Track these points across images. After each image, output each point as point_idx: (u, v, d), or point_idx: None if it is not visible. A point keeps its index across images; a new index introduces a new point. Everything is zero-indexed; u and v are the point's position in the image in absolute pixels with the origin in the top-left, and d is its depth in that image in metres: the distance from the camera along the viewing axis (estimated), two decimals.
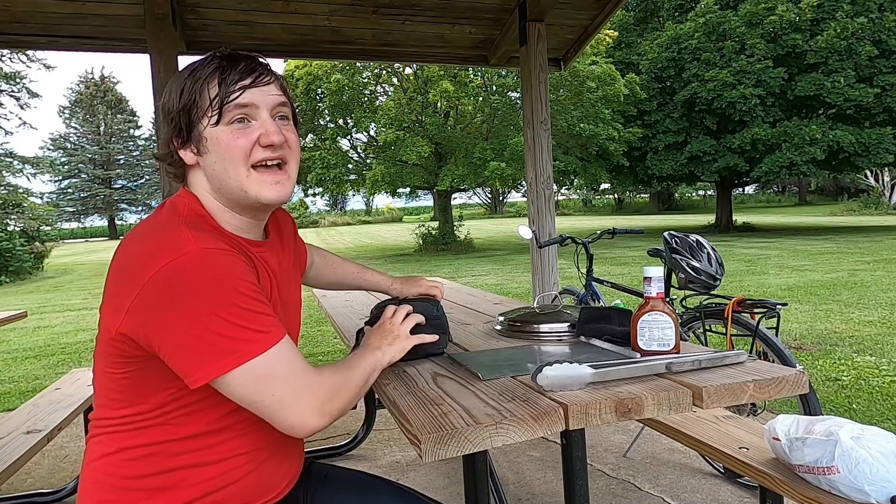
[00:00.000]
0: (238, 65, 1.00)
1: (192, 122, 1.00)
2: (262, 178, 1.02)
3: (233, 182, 1.01)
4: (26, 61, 28.01)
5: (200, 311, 0.86)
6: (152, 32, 3.03)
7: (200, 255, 0.89)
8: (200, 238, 0.91)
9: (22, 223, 20.12)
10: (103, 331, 0.94)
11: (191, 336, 0.86)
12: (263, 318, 0.90)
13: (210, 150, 1.01)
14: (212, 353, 0.86)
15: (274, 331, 0.91)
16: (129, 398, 0.96)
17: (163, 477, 0.96)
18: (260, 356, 0.88)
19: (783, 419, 1.52)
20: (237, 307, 0.88)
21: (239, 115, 0.99)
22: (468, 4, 3.80)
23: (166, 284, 0.86)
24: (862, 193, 33.01)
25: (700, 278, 2.54)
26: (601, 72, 15.79)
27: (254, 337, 0.88)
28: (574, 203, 59.37)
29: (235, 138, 0.99)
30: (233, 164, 1.00)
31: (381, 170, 16.39)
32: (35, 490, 2.73)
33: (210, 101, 0.99)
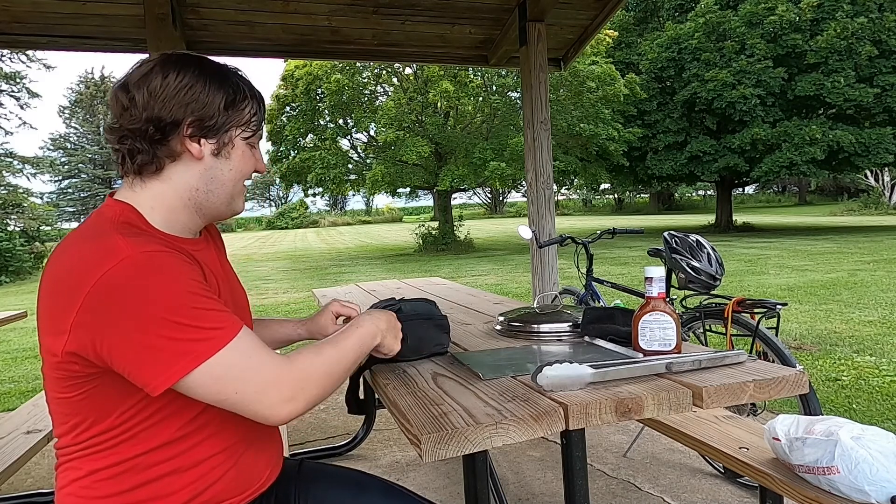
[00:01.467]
0: (263, 100, 1.11)
1: (227, 122, 1.01)
2: (243, 192, 1.11)
3: (227, 191, 1.05)
4: (26, 61, 28.03)
5: (149, 317, 0.83)
6: (152, 32, 3.03)
7: (140, 258, 0.85)
8: (136, 243, 0.88)
9: (22, 223, 20.13)
10: (47, 356, 0.90)
11: (143, 344, 0.83)
12: (215, 315, 0.88)
13: (231, 156, 1.04)
14: (167, 358, 0.83)
15: (228, 326, 0.88)
16: (90, 419, 0.92)
17: (140, 491, 0.93)
18: (217, 354, 0.86)
19: (783, 419, 1.52)
20: (187, 307, 0.85)
21: (255, 143, 1.08)
22: (468, 4, 3.80)
23: (109, 294, 0.82)
24: (862, 193, 33.01)
25: (700, 278, 2.54)
26: (601, 72, 15.79)
27: (208, 335, 0.86)
28: (574, 203, 59.37)
29: (251, 158, 1.08)
30: (240, 176, 1.06)
31: (381, 170, 16.38)
32: (35, 490, 2.73)
33: (250, 116, 1.05)
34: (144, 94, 0.95)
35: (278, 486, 1.14)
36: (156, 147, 0.97)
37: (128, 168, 0.98)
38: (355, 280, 11.36)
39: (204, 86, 0.98)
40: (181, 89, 0.96)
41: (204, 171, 1.01)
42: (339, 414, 3.62)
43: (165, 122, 0.96)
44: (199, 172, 1.01)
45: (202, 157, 1.01)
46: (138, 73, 0.97)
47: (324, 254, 19.50)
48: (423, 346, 1.35)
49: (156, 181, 1.00)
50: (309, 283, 11.17)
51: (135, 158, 0.97)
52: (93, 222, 0.95)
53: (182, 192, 1.01)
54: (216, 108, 0.99)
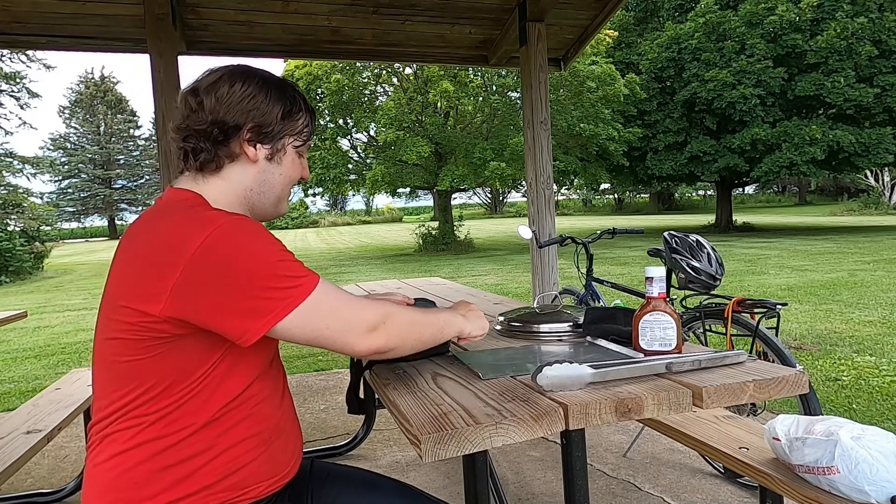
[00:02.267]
0: (313, 114, 1.20)
1: (282, 131, 1.11)
2: (288, 196, 1.20)
3: (276, 193, 1.14)
4: (26, 61, 28.02)
5: (249, 273, 0.93)
6: (152, 32, 3.03)
7: (235, 222, 0.96)
8: (225, 213, 0.99)
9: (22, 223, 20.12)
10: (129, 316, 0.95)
11: (244, 298, 0.92)
12: (300, 266, 0.99)
13: (282, 162, 1.13)
14: (268, 306, 0.94)
15: (311, 274, 1.00)
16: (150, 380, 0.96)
17: (182, 466, 0.97)
18: (309, 296, 0.97)
19: (783, 419, 1.52)
20: (279, 262, 0.96)
21: (303, 152, 1.18)
22: (468, 4, 3.80)
23: (211, 254, 0.92)
24: (862, 193, 33.01)
25: (700, 278, 2.54)
26: (601, 72, 15.79)
27: (299, 283, 0.97)
28: (574, 203, 59.36)
29: (299, 165, 1.17)
30: (289, 181, 1.16)
31: (381, 170, 16.38)
32: (35, 490, 2.73)
33: (303, 127, 1.15)
34: (212, 100, 1.06)
35: (292, 484, 1.14)
36: (217, 147, 1.07)
37: (190, 164, 1.09)
38: (355, 280, 11.36)
39: (265, 96, 1.08)
40: (245, 98, 1.07)
41: (258, 174, 1.11)
42: (339, 414, 3.62)
43: (228, 125, 1.06)
44: (253, 174, 1.11)
45: (257, 161, 1.10)
46: (208, 80, 1.08)
47: (324, 254, 19.50)
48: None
49: (215, 178, 1.09)
50: None
51: (198, 156, 1.07)
52: (168, 204, 1.05)
53: (238, 190, 1.10)
54: (274, 117, 1.09)
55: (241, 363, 1.01)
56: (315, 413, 3.67)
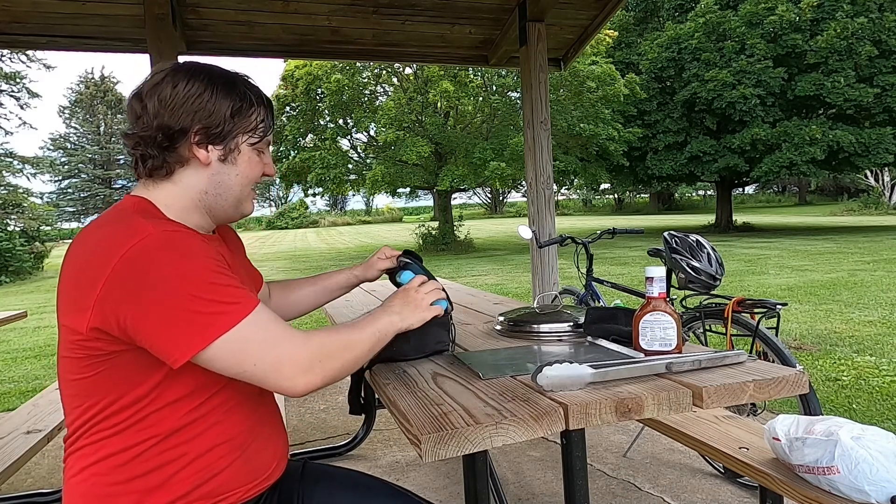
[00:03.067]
0: (272, 106, 1.14)
1: (234, 130, 1.05)
2: (251, 196, 1.14)
3: (235, 194, 1.09)
4: (26, 61, 28.03)
5: (172, 289, 0.87)
6: (152, 32, 3.03)
7: (161, 236, 0.90)
8: (158, 223, 0.93)
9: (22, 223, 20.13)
10: (67, 336, 0.93)
11: (165, 316, 0.86)
12: (233, 290, 0.92)
13: (237, 162, 1.07)
14: (189, 329, 0.87)
15: (245, 301, 0.93)
16: (103, 401, 0.94)
17: (151, 476, 0.96)
18: (236, 327, 0.90)
19: (783, 419, 1.52)
20: (206, 282, 0.90)
21: (263, 148, 1.11)
22: (468, 4, 3.80)
23: (133, 267, 0.87)
24: (862, 193, 33.01)
25: (700, 278, 2.54)
26: (601, 72, 15.79)
27: (227, 309, 0.90)
28: (574, 203, 59.36)
29: (258, 163, 1.11)
30: (247, 181, 1.10)
31: (381, 170, 16.38)
32: (35, 490, 2.73)
33: (257, 123, 1.08)
34: (155, 103, 1.00)
35: (281, 486, 1.14)
36: (165, 153, 1.02)
37: (140, 171, 1.04)
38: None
39: (211, 94, 1.02)
40: (189, 98, 1.01)
41: (211, 176, 1.06)
42: (339, 414, 3.62)
43: (174, 129, 1.01)
44: (206, 177, 1.05)
45: (209, 163, 1.05)
46: (150, 82, 1.03)
47: (324, 254, 19.50)
48: (425, 344, 1.35)
49: (167, 183, 1.04)
50: None
51: (146, 163, 1.02)
52: (112, 212, 1.00)
53: (191, 194, 1.05)
54: (222, 116, 1.03)
55: (201, 369, 0.94)
56: (315, 413, 3.67)
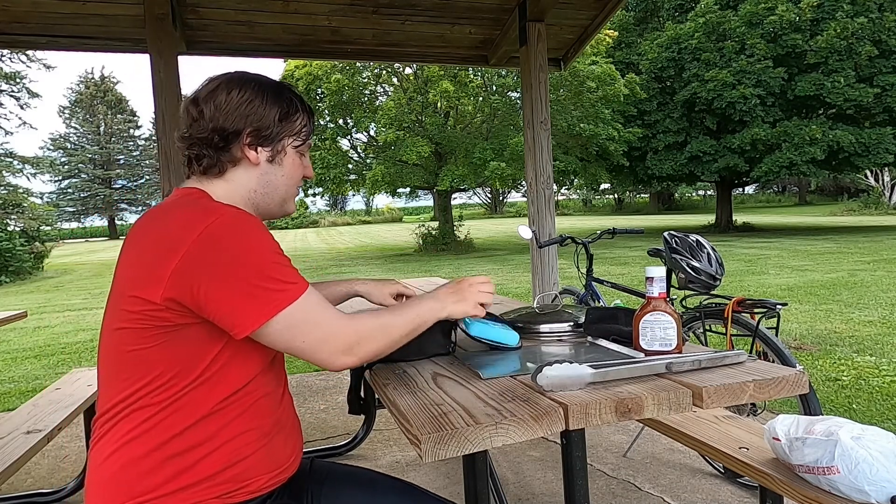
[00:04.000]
0: (312, 113, 1.22)
1: (281, 133, 1.14)
2: (295, 195, 1.23)
3: (281, 194, 1.18)
4: (26, 61, 28.02)
5: (244, 264, 0.96)
6: (152, 32, 3.03)
7: (237, 216, 1.00)
8: (228, 206, 1.03)
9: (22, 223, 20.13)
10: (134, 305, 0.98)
11: (236, 289, 0.95)
12: (291, 271, 1.01)
13: (283, 163, 1.16)
14: (255, 303, 0.96)
15: (301, 282, 1.02)
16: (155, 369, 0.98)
17: (185, 456, 0.99)
18: (292, 304, 0.98)
19: (783, 419, 1.52)
20: (272, 262, 0.99)
21: (304, 151, 1.21)
22: (468, 4, 3.80)
23: (210, 243, 0.95)
24: (862, 193, 33.01)
25: (700, 278, 2.54)
26: (601, 72, 15.79)
27: (286, 288, 0.99)
28: (574, 203, 59.35)
29: (300, 165, 1.20)
30: (292, 181, 1.19)
31: (381, 170, 16.38)
32: (35, 490, 2.73)
33: (301, 127, 1.17)
34: (211, 108, 1.10)
35: (291, 482, 1.15)
36: (220, 153, 1.11)
37: (194, 169, 1.13)
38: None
39: (262, 101, 1.12)
40: (242, 104, 1.10)
41: (261, 176, 1.15)
42: (339, 414, 3.62)
43: (228, 131, 1.10)
44: (256, 176, 1.14)
45: (259, 163, 1.14)
46: (206, 89, 1.12)
47: (324, 254, 19.50)
48: (427, 346, 1.35)
49: (220, 180, 1.13)
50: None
51: (201, 162, 1.12)
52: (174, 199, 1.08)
53: (242, 192, 1.14)
54: (271, 120, 1.13)
55: (243, 357, 1.03)
56: (315, 413, 3.67)
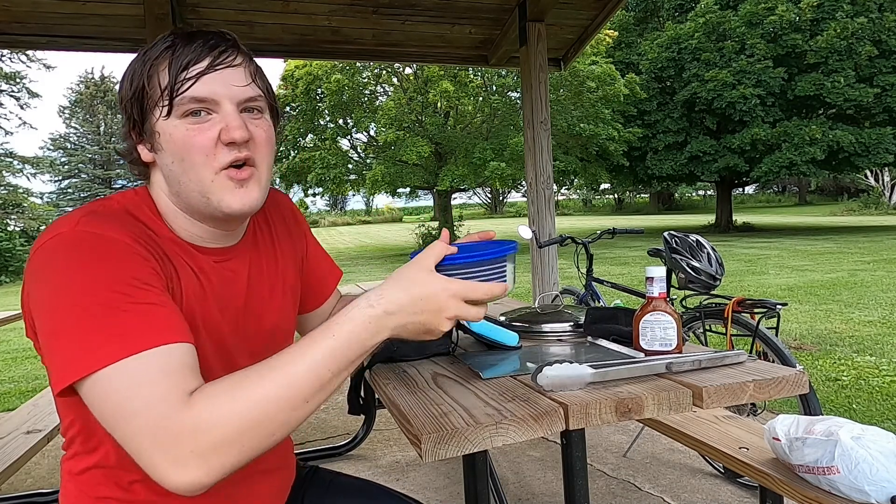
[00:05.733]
0: (192, 44, 0.81)
1: (143, 113, 0.83)
2: (227, 182, 0.83)
3: (193, 186, 0.83)
4: (26, 61, 28.03)
5: (59, 301, 0.69)
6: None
7: (74, 236, 0.73)
8: (86, 222, 0.75)
9: (22, 223, 20.14)
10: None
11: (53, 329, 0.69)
12: (125, 319, 0.68)
13: (164, 147, 0.83)
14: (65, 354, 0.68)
15: (135, 336, 0.67)
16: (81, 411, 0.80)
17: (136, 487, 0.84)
18: (108, 368, 0.65)
19: (783, 419, 1.52)
20: (99, 299, 0.69)
21: (193, 108, 0.81)
22: (468, 4, 3.80)
23: (36, 265, 0.72)
24: (862, 193, 33.01)
25: (700, 278, 2.54)
26: (601, 72, 15.80)
27: (108, 340, 0.67)
28: (574, 203, 59.36)
29: (193, 135, 0.81)
30: (192, 166, 0.82)
31: (381, 170, 16.39)
32: (35, 490, 2.73)
33: (161, 89, 0.80)
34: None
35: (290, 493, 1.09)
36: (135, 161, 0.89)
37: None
38: (355, 280, 11.34)
39: (122, 83, 0.85)
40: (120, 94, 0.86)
41: (162, 174, 0.86)
42: (339, 414, 3.62)
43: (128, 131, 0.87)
44: (160, 175, 0.87)
45: (152, 162, 0.86)
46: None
47: None
48: (427, 345, 1.35)
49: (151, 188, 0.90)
50: None
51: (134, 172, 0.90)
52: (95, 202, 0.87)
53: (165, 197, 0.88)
54: (128, 102, 0.83)
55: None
56: (315, 413, 3.66)
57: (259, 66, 0.89)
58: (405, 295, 0.75)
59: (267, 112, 0.89)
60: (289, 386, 0.68)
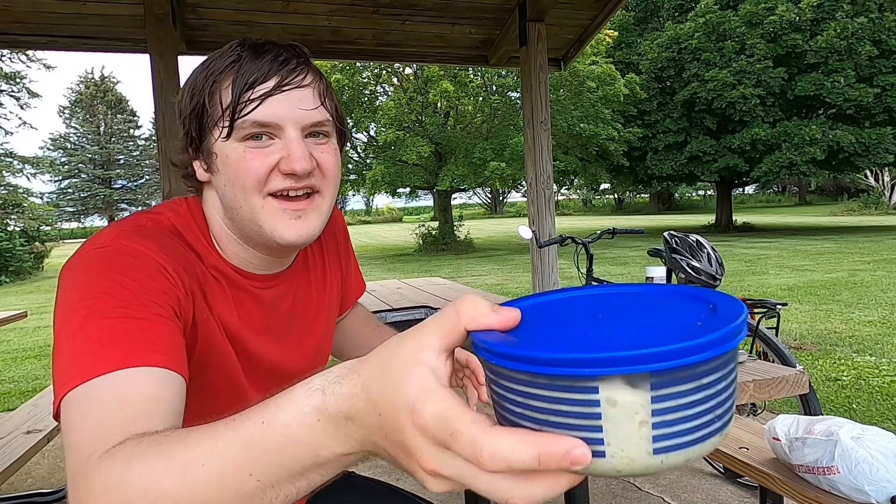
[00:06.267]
0: (259, 59, 0.74)
1: (202, 130, 0.77)
2: (280, 210, 0.77)
3: (244, 212, 0.77)
4: (26, 61, 28.02)
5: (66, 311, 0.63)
6: (152, 32, 3.03)
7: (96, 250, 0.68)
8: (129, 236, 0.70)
9: (22, 223, 20.15)
10: None
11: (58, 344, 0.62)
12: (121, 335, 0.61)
13: (220, 169, 0.77)
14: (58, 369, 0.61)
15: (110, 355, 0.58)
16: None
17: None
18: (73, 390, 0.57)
19: (783, 419, 1.52)
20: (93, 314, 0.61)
21: (255, 133, 0.75)
22: (468, 4, 3.80)
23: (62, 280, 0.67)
24: (862, 193, 33.03)
25: (700, 278, 2.54)
26: (601, 72, 15.80)
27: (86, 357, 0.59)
28: (574, 203, 59.38)
29: (249, 159, 0.74)
30: (243, 191, 0.75)
31: (381, 170, 16.40)
32: (35, 490, 2.73)
33: (222, 109, 0.74)
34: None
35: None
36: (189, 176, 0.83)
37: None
38: None
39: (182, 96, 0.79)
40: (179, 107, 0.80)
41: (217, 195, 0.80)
42: None
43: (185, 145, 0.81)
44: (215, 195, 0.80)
45: (207, 180, 0.80)
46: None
47: None
48: None
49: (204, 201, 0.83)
50: None
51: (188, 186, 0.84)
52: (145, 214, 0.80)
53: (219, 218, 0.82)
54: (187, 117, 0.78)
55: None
56: None
57: (329, 85, 0.81)
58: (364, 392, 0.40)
59: (334, 136, 0.82)
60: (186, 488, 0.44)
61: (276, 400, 0.44)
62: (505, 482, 0.34)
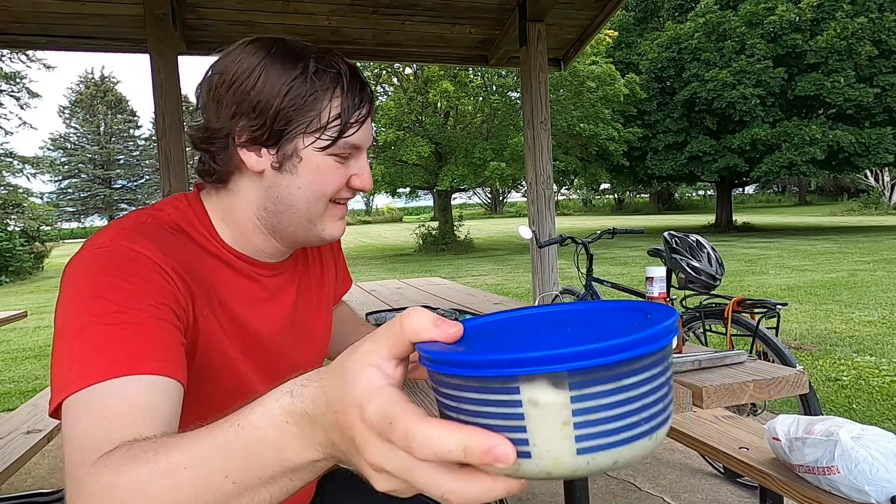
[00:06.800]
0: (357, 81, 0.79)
1: (290, 131, 0.77)
2: (337, 214, 0.85)
3: (302, 212, 0.81)
4: (26, 61, 28.02)
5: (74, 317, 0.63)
6: (152, 32, 3.03)
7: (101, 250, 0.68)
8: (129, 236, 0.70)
9: (22, 223, 20.14)
10: None
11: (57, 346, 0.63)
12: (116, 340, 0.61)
13: (299, 172, 0.79)
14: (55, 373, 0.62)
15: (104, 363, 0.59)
16: None
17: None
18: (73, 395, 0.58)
19: (783, 419, 1.52)
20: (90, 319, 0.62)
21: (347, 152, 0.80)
22: (468, 4, 3.80)
23: (63, 281, 0.67)
24: (862, 193, 33.03)
25: (700, 278, 2.55)
26: (601, 72, 15.80)
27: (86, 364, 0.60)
28: (574, 203, 59.38)
29: (335, 172, 0.80)
30: (317, 195, 0.80)
31: (381, 170, 16.40)
32: (35, 490, 2.72)
33: (327, 122, 0.77)
34: (203, 93, 0.79)
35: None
36: (213, 155, 0.79)
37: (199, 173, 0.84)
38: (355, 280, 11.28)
39: (259, 77, 0.75)
40: (235, 83, 0.75)
41: (268, 189, 0.80)
42: None
43: (216, 126, 0.78)
44: (264, 189, 0.80)
45: (262, 171, 0.79)
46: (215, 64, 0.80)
47: None
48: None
49: (224, 192, 0.83)
50: None
51: (202, 165, 0.82)
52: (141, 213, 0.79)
53: (249, 209, 0.82)
54: (275, 112, 0.75)
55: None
56: None
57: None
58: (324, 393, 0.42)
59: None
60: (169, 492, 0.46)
61: (252, 404, 0.46)
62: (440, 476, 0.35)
